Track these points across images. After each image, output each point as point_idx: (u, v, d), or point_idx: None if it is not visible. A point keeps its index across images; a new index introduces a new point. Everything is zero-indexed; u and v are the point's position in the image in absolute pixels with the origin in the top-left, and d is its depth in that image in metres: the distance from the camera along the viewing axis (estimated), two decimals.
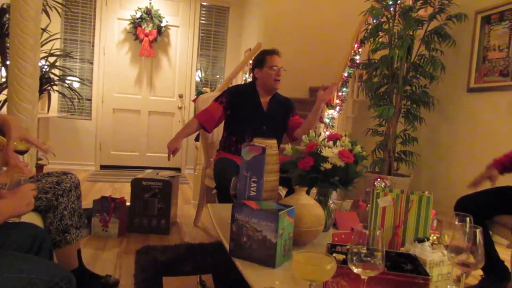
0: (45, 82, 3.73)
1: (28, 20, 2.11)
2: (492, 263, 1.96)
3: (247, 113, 2.51)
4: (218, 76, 5.85)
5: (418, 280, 1.01)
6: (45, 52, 3.84)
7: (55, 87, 4.11)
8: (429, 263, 1.15)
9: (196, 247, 2.49)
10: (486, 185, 2.07)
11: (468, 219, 1.13)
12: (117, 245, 2.50)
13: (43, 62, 3.80)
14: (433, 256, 1.17)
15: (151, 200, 2.74)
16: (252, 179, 1.37)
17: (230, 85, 3.96)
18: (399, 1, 3.45)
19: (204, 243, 2.57)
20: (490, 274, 1.97)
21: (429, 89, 3.48)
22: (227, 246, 1.24)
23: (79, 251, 1.75)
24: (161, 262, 2.18)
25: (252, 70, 2.63)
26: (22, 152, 1.33)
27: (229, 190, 1.50)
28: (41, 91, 3.64)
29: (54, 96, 4.74)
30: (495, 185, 2.03)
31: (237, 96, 2.55)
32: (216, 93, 3.54)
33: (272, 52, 2.53)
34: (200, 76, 5.78)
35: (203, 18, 5.65)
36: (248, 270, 1.10)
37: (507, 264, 1.96)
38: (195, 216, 3.06)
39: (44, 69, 3.81)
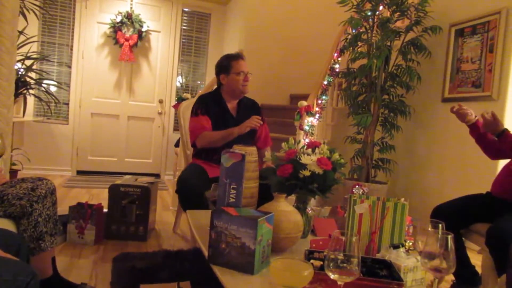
0: (21, 85, 3.65)
1: (4, 22, 2.07)
2: (464, 268, 2.02)
3: (217, 120, 2.44)
4: (199, 82, 5.84)
5: (392, 285, 1.04)
6: (22, 55, 3.76)
7: (31, 91, 4.02)
8: (404, 268, 1.18)
9: (174, 254, 2.46)
10: (462, 192, 2.15)
11: (440, 225, 1.16)
12: (93, 252, 2.45)
13: (19, 65, 3.72)
14: (408, 262, 1.20)
15: (129, 206, 2.71)
16: (231, 186, 1.38)
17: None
18: (377, 13, 3.55)
19: (183, 250, 2.54)
20: (462, 279, 2.03)
21: (406, 98, 3.58)
22: (205, 252, 1.24)
23: (53, 259, 1.71)
24: (138, 269, 2.14)
25: (217, 76, 2.54)
26: None
27: (191, 196, 1.47)
28: (16, 95, 3.56)
29: (30, 100, 4.63)
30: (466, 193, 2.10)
31: (207, 104, 2.47)
32: None
33: (237, 57, 2.46)
34: (181, 81, 5.76)
35: (184, 24, 5.65)
36: (226, 277, 1.10)
37: (478, 269, 2.03)
38: (174, 223, 3.03)
39: (20, 72, 3.73)
